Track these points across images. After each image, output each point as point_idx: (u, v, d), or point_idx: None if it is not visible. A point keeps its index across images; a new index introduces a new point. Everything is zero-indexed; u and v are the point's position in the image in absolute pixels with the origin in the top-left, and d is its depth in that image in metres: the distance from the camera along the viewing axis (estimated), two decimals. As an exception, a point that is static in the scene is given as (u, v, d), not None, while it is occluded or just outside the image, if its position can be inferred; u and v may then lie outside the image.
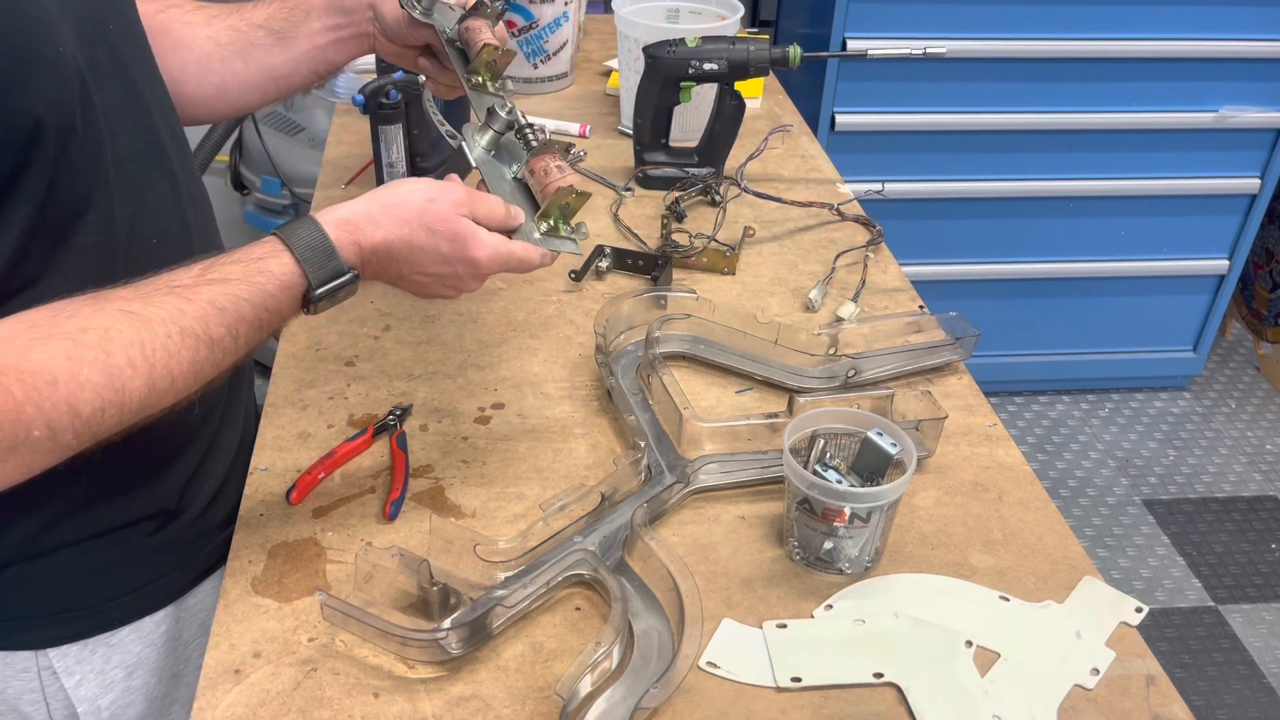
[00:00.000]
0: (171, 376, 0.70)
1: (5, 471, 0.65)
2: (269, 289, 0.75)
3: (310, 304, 0.78)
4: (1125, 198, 2.54)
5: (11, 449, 0.64)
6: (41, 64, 0.70)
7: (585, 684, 0.77)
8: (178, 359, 0.70)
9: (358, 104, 1.30)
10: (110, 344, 0.67)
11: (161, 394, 0.70)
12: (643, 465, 0.97)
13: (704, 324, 1.14)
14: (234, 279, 0.74)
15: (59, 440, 0.66)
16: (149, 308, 0.70)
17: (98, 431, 0.68)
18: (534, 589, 0.85)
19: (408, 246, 0.81)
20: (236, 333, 0.74)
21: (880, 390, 1.05)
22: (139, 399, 0.68)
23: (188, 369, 0.71)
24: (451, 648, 0.81)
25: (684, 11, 1.71)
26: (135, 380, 0.68)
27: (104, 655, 0.91)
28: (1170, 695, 0.82)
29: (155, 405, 0.70)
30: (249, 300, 0.74)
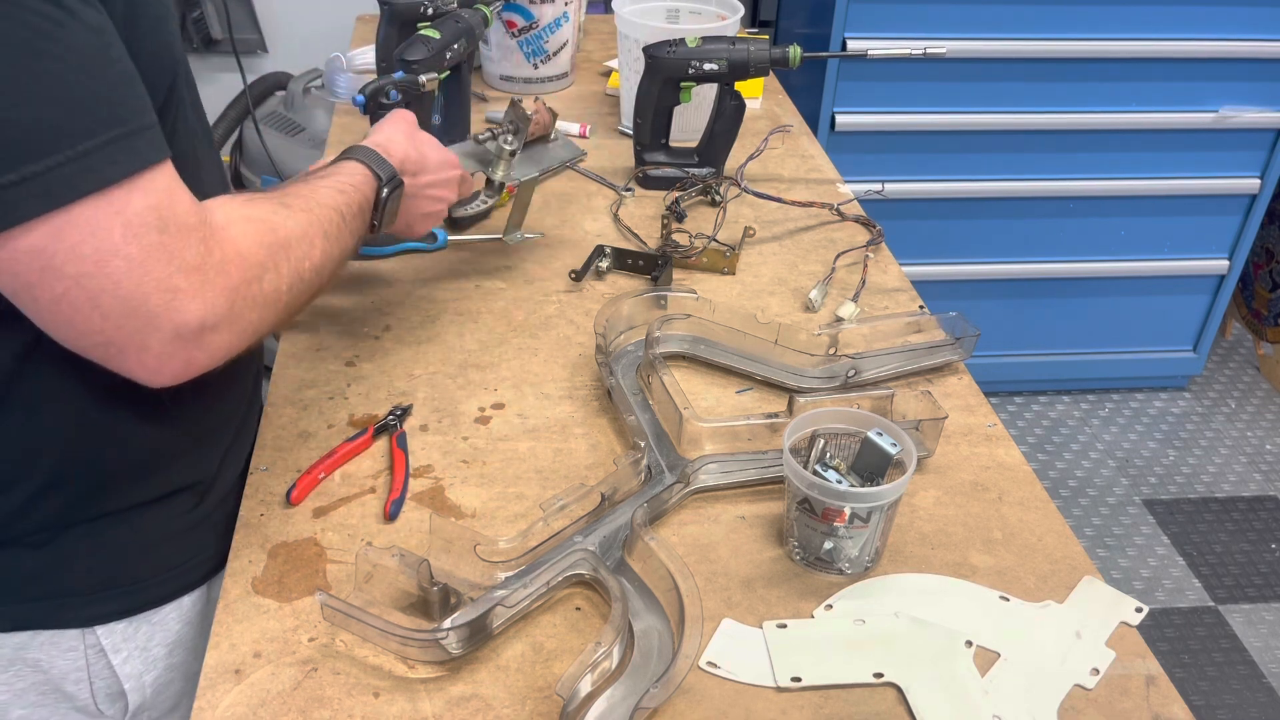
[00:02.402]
0: (326, 237, 0.85)
1: (255, 312, 0.75)
2: (355, 182, 0.93)
3: (379, 206, 0.95)
4: (1125, 198, 2.54)
5: (258, 289, 0.75)
6: (166, 15, 0.79)
7: (585, 684, 0.77)
8: (330, 225, 0.86)
9: (358, 104, 1.30)
10: (291, 209, 0.83)
11: (324, 255, 0.84)
12: (643, 465, 0.97)
13: (704, 324, 1.14)
14: (328, 178, 0.91)
15: (279, 279, 0.78)
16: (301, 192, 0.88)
17: (293, 268, 0.80)
18: (534, 589, 0.85)
19: (418, 159, 1.03)
20: (346, 215, 0.90)
21: (880, 390, 1.05)
22: (319, 258, 0.83)
23: (334, 237, 0.87)
24: (452, 648, 0.81)
25: (684, 11, 1.71)
26: (303, 218, 0.83)
27: (147, 633, 0.93)
28: (1170, 695, 0.82)
29: (318, 273, 0.84)
30: (343, 189, 0.91)
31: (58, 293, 0.66)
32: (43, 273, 0.65)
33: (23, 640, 0.88)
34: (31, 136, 0.63)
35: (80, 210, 0.65)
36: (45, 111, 0.63)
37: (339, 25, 2.35)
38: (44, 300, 0.67)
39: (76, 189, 0.64)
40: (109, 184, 0.65)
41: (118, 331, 0.68)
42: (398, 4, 1.51)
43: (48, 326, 0.69)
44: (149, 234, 0.67)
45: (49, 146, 0.63)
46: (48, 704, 0.91)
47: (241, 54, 2.54)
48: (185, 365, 0.72)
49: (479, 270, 1.31)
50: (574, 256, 1.33)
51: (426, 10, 1.51)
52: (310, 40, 2.58)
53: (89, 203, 0.65)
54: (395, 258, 1.33)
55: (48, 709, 0.91)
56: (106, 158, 0.65)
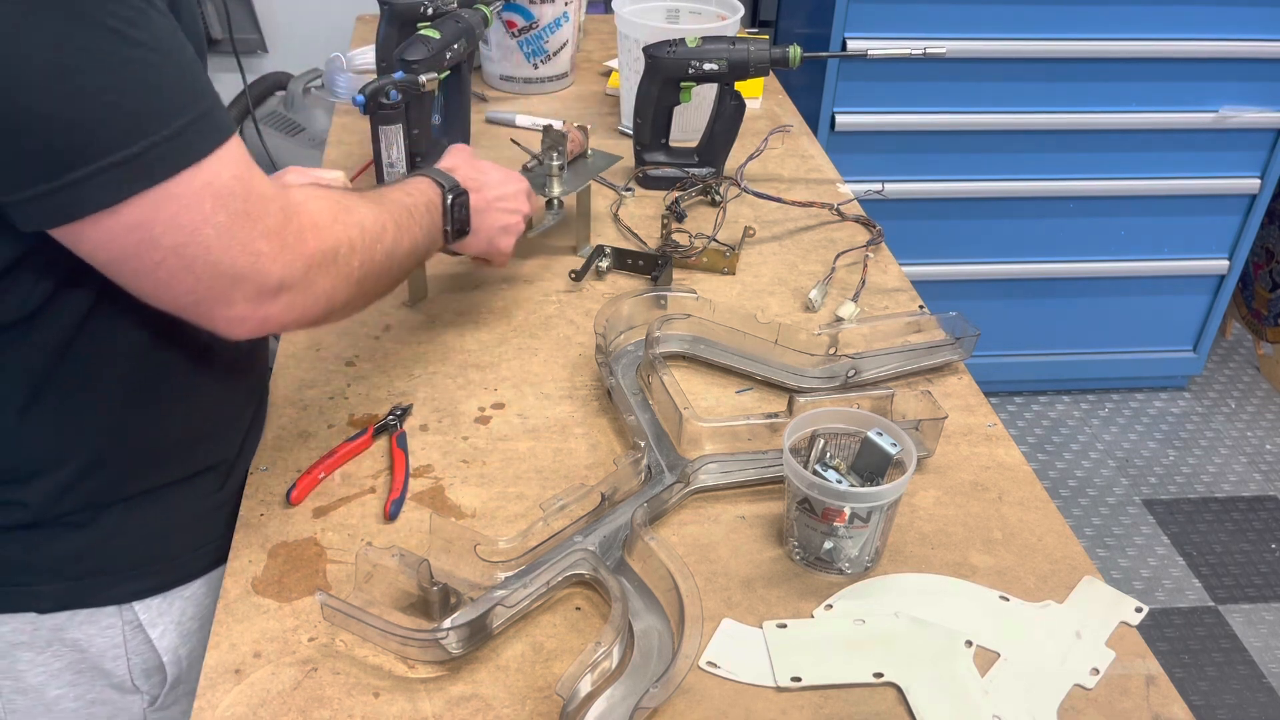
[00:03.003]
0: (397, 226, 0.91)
1: (326, 282, 0.80)
2: (420, 187, 1.00)
3: (447, 211, 1.02)
4: (1125, 198, 2.54)
5: (332, 259, 0.80)
6: (199, 15, 0.83)
7: (585, 684, 0.77)
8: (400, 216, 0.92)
9: (358, 104, 1.30)
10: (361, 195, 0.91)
11: (395, 242, 0.90)
12: (643, 465, 0.97)
13: (704, 324, 1.14)
14: (393, 189, 0.98)
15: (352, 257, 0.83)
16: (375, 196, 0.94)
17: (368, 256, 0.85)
18: (534, 589, 0.85)
19: (476, 175, 1.09)
20: (414, 211, 0.95)
21: (880, 390, 1.05)
22: (389, 243, 0.89)
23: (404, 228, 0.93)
24: (452, 648, 0.81)
25: (684, 11, 1.71)
26: (381, 211, 0.89)
27: (180, 607, 0.95)
28: (1170, 695, 0.82)
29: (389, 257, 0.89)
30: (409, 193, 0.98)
31: (155, 260, 0.71)
32: (141, 244, 0.70)
33: (61, 620, 0.90)
34: (130, 120, 0.67)
35: (176, 185, 0.69)
36: (140, 96, 0.67)
37: (339, 25, 2.35)
38: (143, 269, 0.71)
39: (173, 165, 0.69)
40: (200, 158, 0.70)
41: (208, 291, 0.73)
42: (398, 4, 1.51)
43: (141, 291, 0.74)
44: (235, 202, 0.72)
45: (146, 128, 0.67)
46: (83, 682, 0.93)
47: (241, 54, 2.53)
48: (263, 322, 0.77)
49: (479, 270, 1.31)
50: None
51: (426, 10, 1.51)
52: (310, 40, 2.58)
53: (183, 177, 0.69)
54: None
55: (84, 686, 0.94)
56: (196, 134, 0.70)
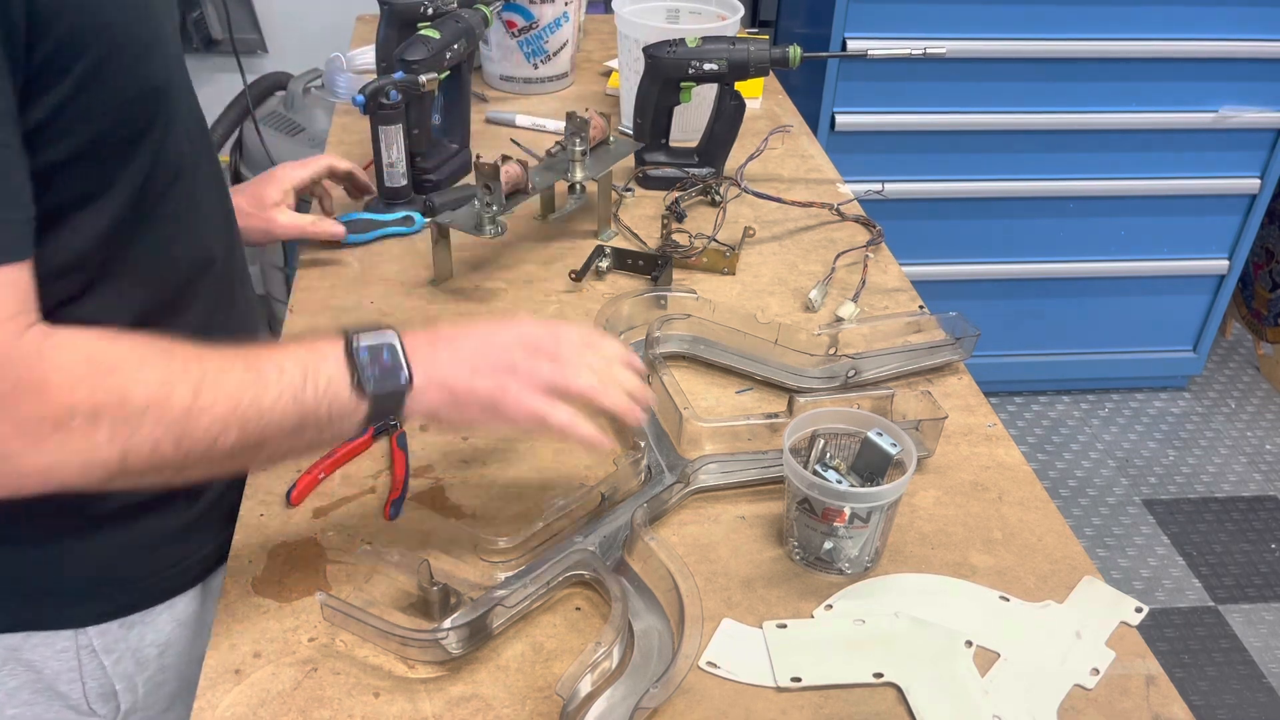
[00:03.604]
0: (215, 394, 0.70)
1: (25, 470, 0.66)
2: (319, 342, 0.77)
3: (354, 360, 0.76)
4: (1125, 198, 2.54)
5: (47, 435, 0.65)
6: (160, 41, 0.76)
7: (585, 684, 0.77)
8: (224, 383, 0.71)
9: (358, 104, 1.30)
10: (172, 354, 0.71)
11: (200, 413, 0.69)
12: (643, 465, 0.97)
13: (704, 324, 1.14)
14: (269, 347, 0.76)
15: (95, 438, 0.66)
16: (212, 349, 0.73)
17: (131, 438, 0.67)
18: (534, 589, 0.85)
19: (481, 329, 0.83)
20: (286, 374, 0.73)
21: (880, 390, 1.05)
22: (180, 408, 0.68)
23: (231, 397, 0.70)
24: (452, 648, 0.81)
25: (684, 11, 1.71)
26: (183, 387, 0.69)
27: (139, 633, 0.92)
28: (1170, 695, 0.82)
29: (190, 431, 0.69)
30: (293, 350, 0.75)
31: None
32: None
33: (15, 641, 0.88)
34: None
35: None
36: None
37: (339, 25, 2.35)
38: None
39: None
40: None
41: None
42: (398, 4, 1.51)
43: None
44: None
45: None
46: (40, 702, 0.91)
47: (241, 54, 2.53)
48: None
49: (479, 271, 1.31)
50: (574, 256, 1.33)
51: (426, 10, 1.51)
52: (310, 40, 2.58)
53: None
54: (396, 259, 1.33)
55: (41, 707, 0.91)
56: None
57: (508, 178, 1.25)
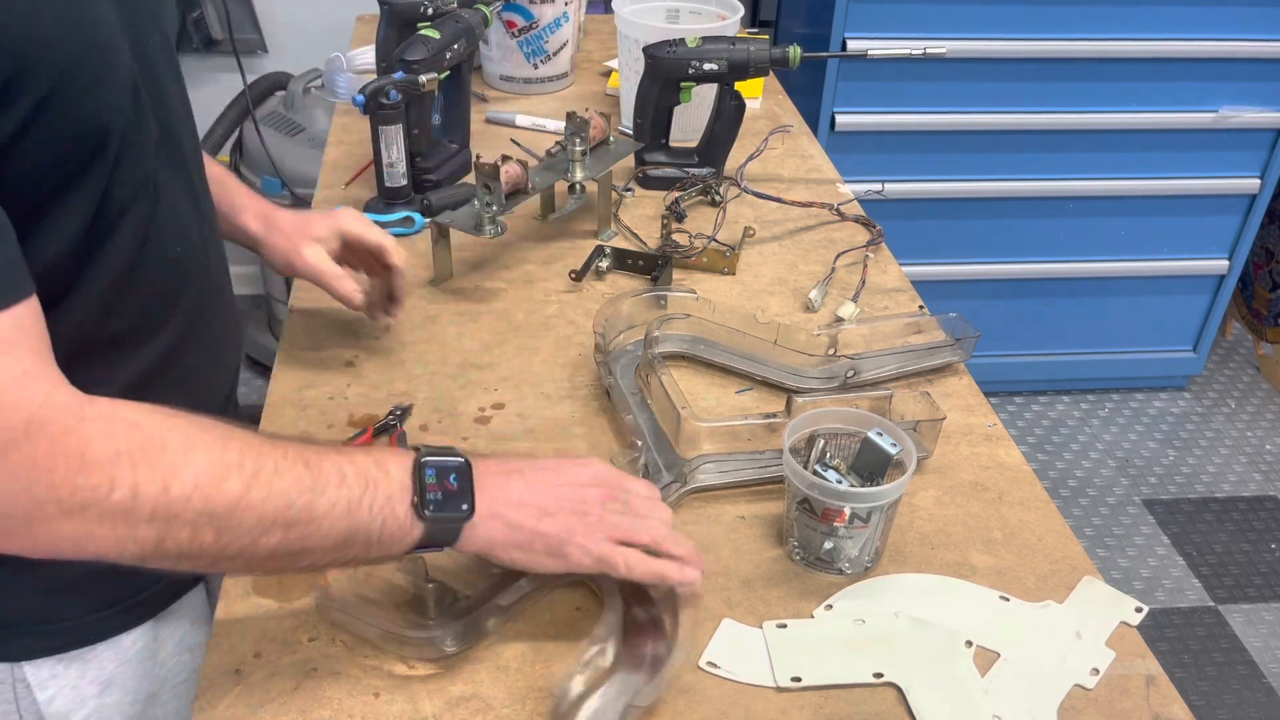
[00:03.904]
0: (268, 491, 0.67)
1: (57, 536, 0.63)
2: (383, 454, 0.75)
3: (418, 480, 0.73)
4: (1125, 198, 2.54)
5: (81, 506, 0.62)
6: (108, 75, 0.72)
7: (578, 683, 0.77)
8: (279, 481, 0.68)
9: (358, 104, 1.30)
10: (229, 441, 0.67)
11: (248, 509, 0.66)
12: (640, 464, 0.97)
13: (703, 324, 1.14)
14: (333, 452, 0.73)
15: (134, 515, 0.63)
16: (275, 440, 0.70)
17: (171, 521, 0.64)
18: (529, 588, 0.85)
19: (541, 464, 0.82)
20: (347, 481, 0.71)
21: (879, 391, 1.05)
22: (229, 500, 0.66)
23: (283, 495, 0.68)
24: (446, 646, 0.81)
25: (684, 11, 1.71)
26: (235, 478, 0.66)
27: (78, 670, 0.89)
28: (1170, 695, 0.82)
29: (235, 524, 0.66)
30: (357, 459, 0.72)
31: None
32: None
33: None
34: None
35: None
36: None
37: (339, 25, 2.35)
38: None
39: None
40: None
41: None
42: (398, 4, 1.51)
43: None
44: None
45: None
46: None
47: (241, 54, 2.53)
48: None
49: (479, 271, 1.31)
50: (574, 256, 1.33)
51: (426, 10, 1.51)
52: (310, 40, 2.58)
53: None
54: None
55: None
56: None
57: (508, 178, 1.25)
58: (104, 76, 0.72)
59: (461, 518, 0.74)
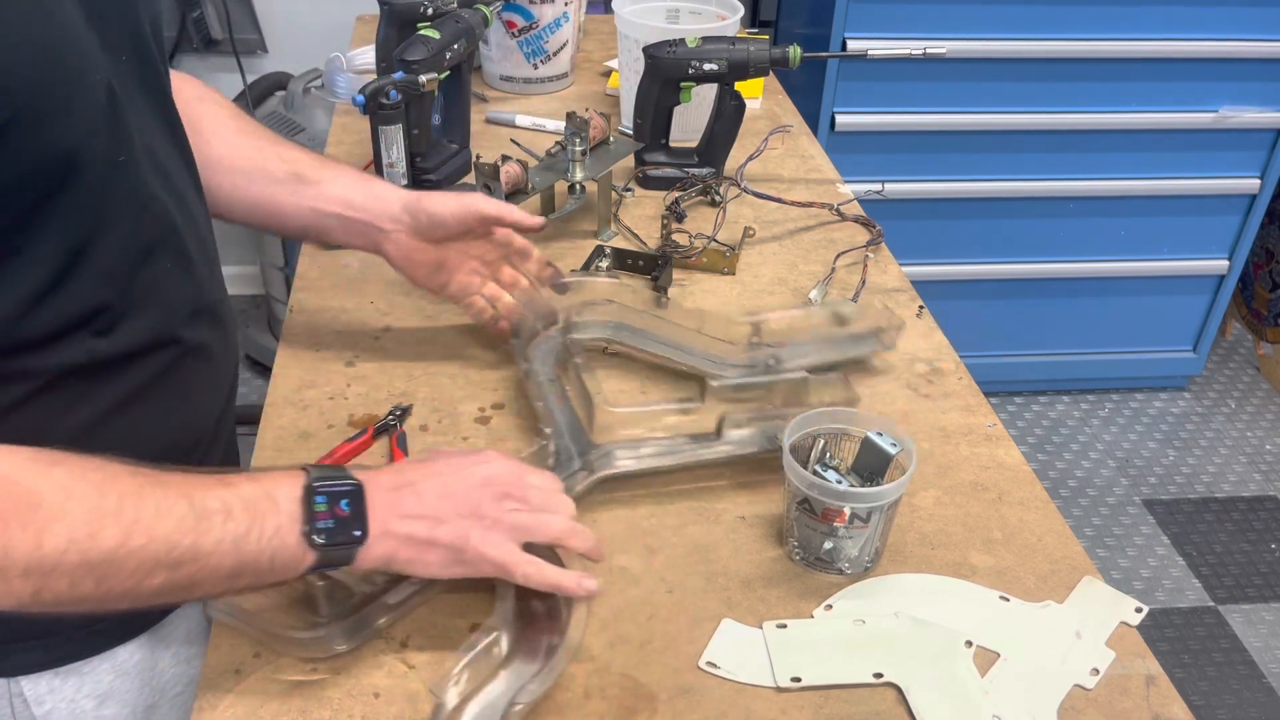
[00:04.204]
0: (149, 537, 0.66)
1: None
2: (269, 481, 0.73)
3: (308, 507, 0.72)
4: (1125, 198, 2.54)
5: None
6: (79, 93, 0.70)
7: (463, 680, 0.75)
8: (160, 524, 0.66)
9: (358, 104, 1.30)
10: (106, 488, 0.66)
11: (128, 556, 0.65)
12: (550, 451, 0.95)
13: (625, 311, 1.11)
14: (214, 483, 0.71)
15: (6, 571, 0.62)
16: (160, 478, 0.69)
17: (47, 574, 0.64)
18: (420, 584, 0.82)
19: (429, 465, 0.80)
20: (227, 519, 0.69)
21: (794, 375, 1.02)
22: (106, 550, 0.64)
23: (166, 540, 0.67)
24: (336, 645, 0.79)
25: (684, 11, 1.71)
26: (112, 528, 0.65)
27: (75, 684, 0.88)
28: (1170, 695, 0.82)
29: (115, 572, 0.65)
30: (238, 489, 0.71)
31: None
32: None
33: None
34: None
35: None
36: None
37: (339, 25, 2.35)
38: None
39: None
40: None
41: None
42: (398, 4, 1.51)
43: None
44: None
45: None
46: None
47: (241, 54, 2.54)
48: None
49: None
50: (574, 257, 1.33)
51: (426, 10, 1.51)
52: (310, 40, 2.58)
53: None
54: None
55: None
56: None
57: (508, 178, 1.25)
58: (72, 100, 0.69)
59: (355, 542, 0.73)
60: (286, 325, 1.20)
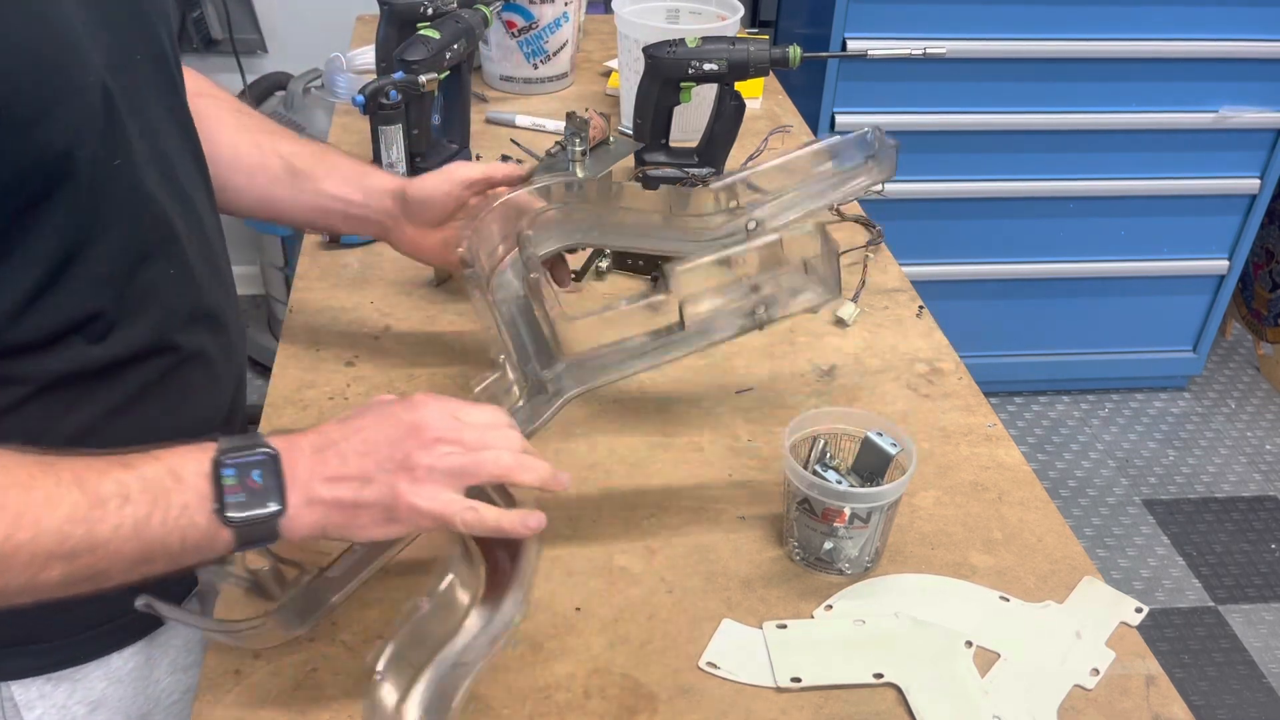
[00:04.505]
0: (36, 530, 0.62)
1: None
2: (170, 457, 0.67)
3: (216, 482, 0.66)
4: (1125, 198, 2.54)
5: None
6: (70, 95, 0.69)
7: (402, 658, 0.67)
8: (49, 515, 0.62)
9: (358, 104, 1.30)
10: None
11: (17, 550, 0.61)
12: (509, 381, 0.85)
13: (582, 210, 0.97)
14: (112, 464, 0.66)
15: None
16: (54, 465, 0.64)
17: None
18: (361, 552, 0.77)
19: (353, 421, 0.73)
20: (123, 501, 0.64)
21: (765, 238, 0.86)
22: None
23: (57, 531, 0.62)
24: (288, 629, 0.75)
25: (684, 11, 1.71)
26: None
27: (67, 690, 0.87)
28: (1170, 695, 0.82)
29: (6, 567, 0.62)
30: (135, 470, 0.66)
31: None
32: None
33: None
34: None
35: None
36: None
37: (339, 25, 2.34)
38: None
39: None
40: None
41: None
42: (398, 4, 1.51)
43: None
44: None
45: None
46: None
47: (241, 54, 2.54)
48: None
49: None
50: (574, 257, 1.33)
51: (426, 10, 1.51)
52: (310, 40, 2.58)
53: None
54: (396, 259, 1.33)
55: None
56: None
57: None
58: (63, 98, 0.68)
59: (272, 516, 0.67)
60: (286, 325, 1.20)
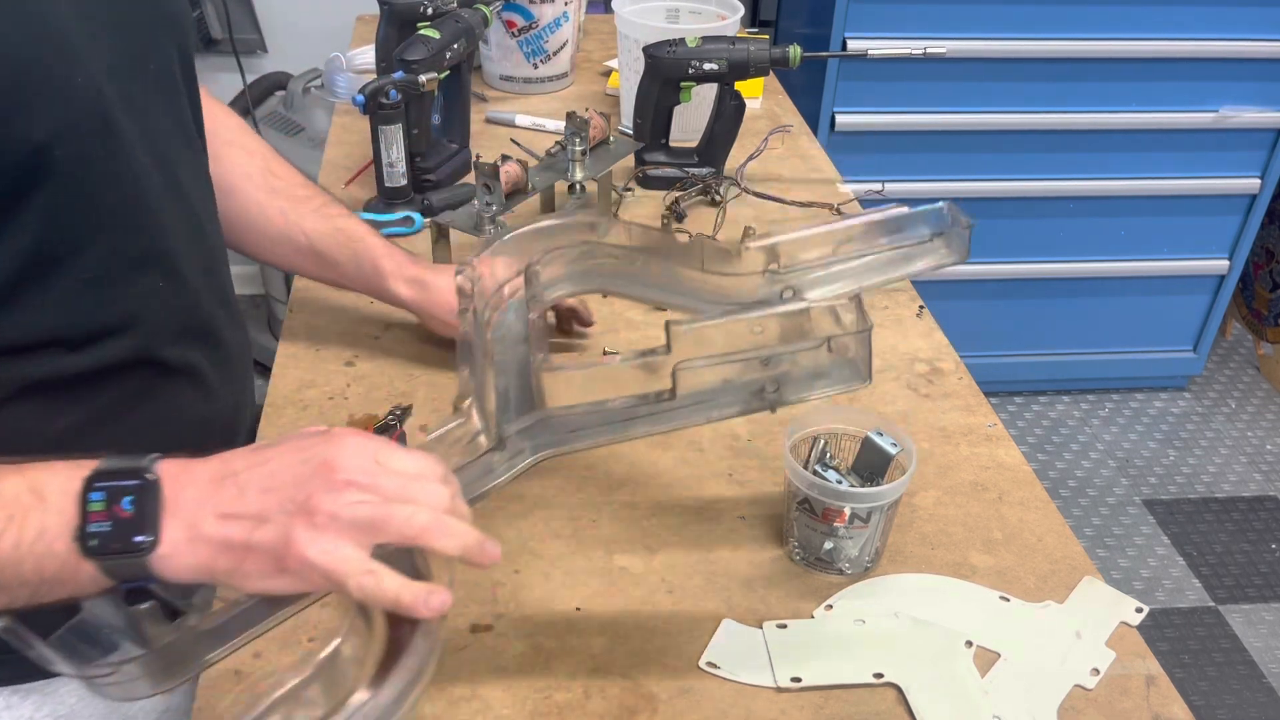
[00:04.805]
0: None
1: None
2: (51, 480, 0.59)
3: (82, 507, 0.58)
4: (1125, 198, 2.54)
5: None
6: (52, 90, 0.67)
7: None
8: None
9: (358, 104, 1.30)
10: None
11: None
12: (475, 429, 0.73)
13: (603, 250, 0.84)
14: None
15: None
16: None
17: None
18: (248, 603, 0.62)
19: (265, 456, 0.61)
20: None
21: (791, 305, 0.76)
22: None
23: None
24: (136, 687, 0.60)
25: (684, 11, 1.71)
26: None
27: (35, 702, 0.84)
28: (1170, 695, 0.82)
29: None
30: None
31: None
32: None
33: None
34: None
35: None
36: None
37: (339, 25, 2.35)
38: None
39: None
40: None
41: None
42: (398, 4, 1.51)
43: None
44: None
45: None
46: None
47: (241, 54, 2.54)
48: None
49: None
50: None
51: (426, 10, 1.51)
52: (310, 40, 2.58)
53: None
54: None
55: None
56: None
57: (507, 178, 1.25)
58: (44, 91, 0.67)
59: (137, 550, 0.57)
60: (286, 325, 1.20)
